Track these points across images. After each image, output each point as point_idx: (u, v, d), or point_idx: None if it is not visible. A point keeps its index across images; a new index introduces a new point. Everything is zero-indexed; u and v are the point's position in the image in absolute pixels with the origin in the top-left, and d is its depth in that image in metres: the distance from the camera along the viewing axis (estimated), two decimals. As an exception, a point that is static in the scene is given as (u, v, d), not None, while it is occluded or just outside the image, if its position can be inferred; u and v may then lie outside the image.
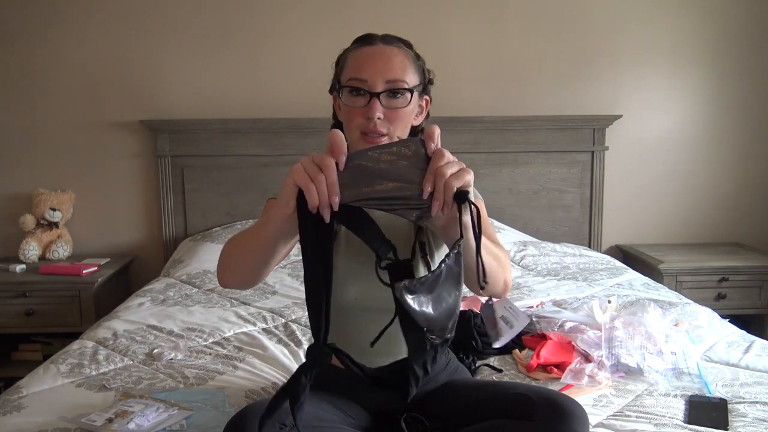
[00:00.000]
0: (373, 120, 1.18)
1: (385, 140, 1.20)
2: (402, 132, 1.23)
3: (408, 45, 1.26)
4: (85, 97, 3.03)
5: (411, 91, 1.21)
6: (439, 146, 0.89)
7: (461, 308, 1.90)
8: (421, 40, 1.36)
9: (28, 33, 2.97)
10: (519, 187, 3.15)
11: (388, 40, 1.24)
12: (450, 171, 0.87)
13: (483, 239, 0.95)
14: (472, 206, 0.88)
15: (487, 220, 1.27)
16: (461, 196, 0.87)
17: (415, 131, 1.30)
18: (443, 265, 0.88)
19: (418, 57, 1.26)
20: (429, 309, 0.86)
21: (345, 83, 1.21)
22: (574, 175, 3.16)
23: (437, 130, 0.89)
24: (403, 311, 0.85)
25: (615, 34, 3.14)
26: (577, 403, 1.14)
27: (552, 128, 3.11)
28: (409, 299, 0.85)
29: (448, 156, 0.89)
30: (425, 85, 1.27)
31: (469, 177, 0.89)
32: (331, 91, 1.29)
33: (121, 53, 3.01)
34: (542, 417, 1.10)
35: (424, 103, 1.29)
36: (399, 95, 1.20)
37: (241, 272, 1.11)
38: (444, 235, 0.97)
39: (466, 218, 0.90)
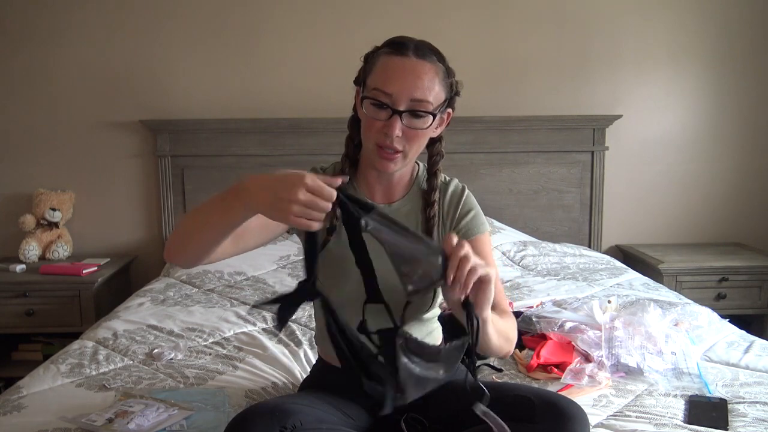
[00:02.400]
0: (390, 137, 1.18)
1: (399, 156, 1.21)
2: (416, 151, 1.24)
3: (440, 58, 1.22)
4: (85, 97, 3.02)
5: (433, 114, 1.20)
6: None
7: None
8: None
9: (28, 34, 2.97)
10: (519, 187, 3.15)
11: (422, 52, 1.19)
12: (472, 263, 1.01)
13: (494, 317, 1.11)
14: (475, 321, 1.02)
15: (491, 262, 1.30)
16: (468, 306, 1.02)
17: (433, 142, 1.30)
18: (446, 345, 1.01)
19: (448, 73, 1.23)
20: (414, 375, 0.96)
21: (370, 91, 1.19)
22: (574, 175, 3.16)
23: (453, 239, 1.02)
24: (392, 361, 0.95)
25: (615, 33, 3.14)
26: (577, 405, 1.14)
27: (552, 128, 3.11)
28: (404, 356, 0.95)
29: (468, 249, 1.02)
30: (451, 99, 1.25)
31: (488, 272, 1.02)
32: (356, 83, 1.27)
33: (121, 53, 3.01)
34: (543, 419, 1.10)
35: (445, 116, 1.27)
36: (421, 116, 1.19)
37: (193, 253, 1.14)
38: (456, 312, 1.08)
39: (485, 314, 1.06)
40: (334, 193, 0.96)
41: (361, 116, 1.24)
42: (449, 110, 1.27)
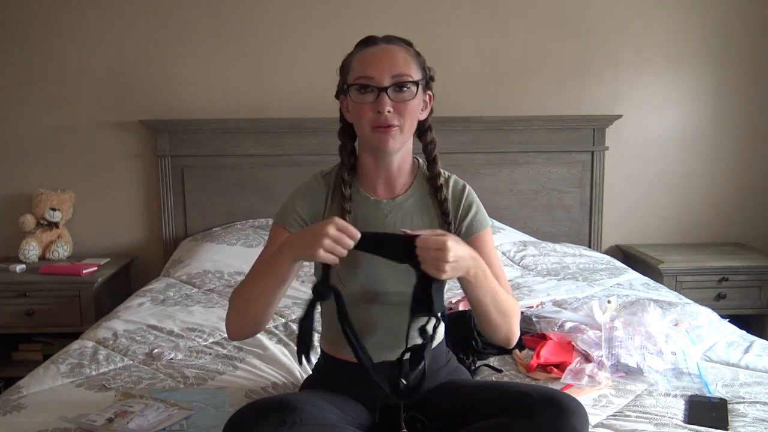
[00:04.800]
0: (383, 114, 1.23)
1: (396, 131, 1.25)
2: (410, 125, 1.28)
3: (408, 44, 1.32)
4: (85, 97, 3.02)
5: (416, 84, 1.26)
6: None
7: (461, 308, 1.91)
8: (420, 40, 1.37)
9: (27, 34, 2.97)
10: (519, 187, 3.15)
11: (390, 39, 1.30)
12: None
13: (496, 290, 1.23)
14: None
15: (495, 257, 1.35)
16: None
17: (423, 126, 1.34)
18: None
19: (418, 55, 1.32)
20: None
21: (352, 83, 1.26)
22: (574, 175, 3.16)
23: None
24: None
25: (615, 34, 3.14)
26: (577, 400, 1.15)
27: (552, 128, 3.11)
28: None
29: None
30: (428, 80, 1.32)
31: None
32: (337, 96, 1.34)
33: (121, 53, 3.01)
34: (542, 414, 1.11)
35: (427, 99, 1.34)
36: (405, 88, 1.25)
37: (254, 317, 1.24)
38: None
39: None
40: (358, 234, 1.11)
41: (351, 114, 1.30)
42: (429, 93, 1.34)
